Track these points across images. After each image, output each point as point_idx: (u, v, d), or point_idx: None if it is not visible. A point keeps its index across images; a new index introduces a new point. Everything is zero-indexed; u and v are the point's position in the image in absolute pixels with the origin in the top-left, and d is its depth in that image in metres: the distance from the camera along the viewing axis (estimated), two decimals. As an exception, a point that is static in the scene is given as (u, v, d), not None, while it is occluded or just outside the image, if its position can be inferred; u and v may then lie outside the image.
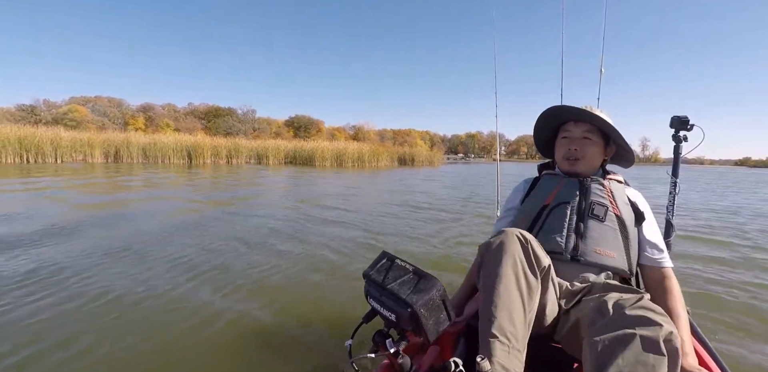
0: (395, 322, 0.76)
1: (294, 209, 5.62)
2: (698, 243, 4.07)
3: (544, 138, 1.34)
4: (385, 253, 0.83)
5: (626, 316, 0.77)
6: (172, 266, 2.72)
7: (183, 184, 9.12)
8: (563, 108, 1.21)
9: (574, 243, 1.07)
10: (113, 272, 2.53)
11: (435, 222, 4.89)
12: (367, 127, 66.42)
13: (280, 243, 3.52)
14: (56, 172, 11.33)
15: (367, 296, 0.82)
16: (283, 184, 9.61)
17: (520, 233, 0.90)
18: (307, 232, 4.03)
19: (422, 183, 12.00)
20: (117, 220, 4.30)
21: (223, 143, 22.28)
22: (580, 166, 1.20)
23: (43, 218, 4.23)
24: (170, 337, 1.72)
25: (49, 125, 24.23)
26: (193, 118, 52.47)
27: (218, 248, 3.26)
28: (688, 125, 1.48)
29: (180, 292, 2.26)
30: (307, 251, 3.28)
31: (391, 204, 6.51)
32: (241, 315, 1.97)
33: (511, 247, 0.87)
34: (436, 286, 0.75)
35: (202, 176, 11.97)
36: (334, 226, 4.36)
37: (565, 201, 1.13)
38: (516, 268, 0.86)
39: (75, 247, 3.10)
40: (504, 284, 0.83)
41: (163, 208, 5.39)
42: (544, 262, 0.90)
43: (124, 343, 1.66)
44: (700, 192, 10.98)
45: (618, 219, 1.10)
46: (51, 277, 2.40)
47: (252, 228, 4.15)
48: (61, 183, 8.24)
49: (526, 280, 0.86)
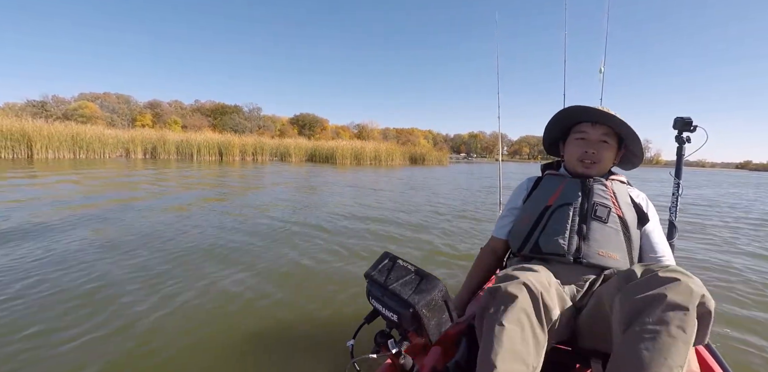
0: (397, 323, 0.75)
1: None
2: (701, 244, 4.02)
3: (553, 137, 1.31)
4: (387, 254, 0.82)
5: (658, 278, 0.76)
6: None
7: (270, 177, 11.18)
8: (587, 109, 1.15)
9: (576, 245, 1.05)
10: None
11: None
12: (371, 126, 66.47)
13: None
14: (136, 166, 12.92)
15: (368, 296, 0.80)
16: (340, 187, 9.17)
17: (530, 282, 0.83)
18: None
19: (463, 180, 12.94)
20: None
21: (250, 141, 24.05)
22: (595, 169, 1.17)
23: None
24: (169, 338, 1.68)
25: (59, 121, 24.72)
26: (200, 115, 52.54)
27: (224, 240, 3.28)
28: (692, 126, 1.45)
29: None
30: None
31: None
32: (241, 315, 1.94)
33: (520, 300, 0.80)
34: (438, 287, 0.74)
35: (266, 171, 14.17)
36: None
37: (567, 202, 1.11)
38: (522, 322, 0.79)
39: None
40: (507, 335, 0.77)
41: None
42: (554, 313, 0.84)
43: (122, 341, 1.63)
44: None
45: (621, 220, 1.08)
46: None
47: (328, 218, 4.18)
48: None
49: (533, 333, 0.80)
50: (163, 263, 2.68)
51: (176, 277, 2.40)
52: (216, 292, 2.22)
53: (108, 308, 1.93)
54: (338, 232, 3.92)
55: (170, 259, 2.78)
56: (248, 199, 6.20)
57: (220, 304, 2.06)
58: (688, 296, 0.72)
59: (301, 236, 3.68)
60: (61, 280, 2.28)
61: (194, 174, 11.12)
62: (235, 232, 3.74)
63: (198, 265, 2.70)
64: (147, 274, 2.46)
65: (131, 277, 2.37)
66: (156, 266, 2.61)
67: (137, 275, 2.41)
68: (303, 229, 3.99)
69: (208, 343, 1.66)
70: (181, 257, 2.84)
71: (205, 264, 2.72)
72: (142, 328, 1.74)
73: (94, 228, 3.63)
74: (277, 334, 1.77)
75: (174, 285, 2.27)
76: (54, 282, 2.24)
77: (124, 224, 3.86)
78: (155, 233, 3.54)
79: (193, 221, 4.18)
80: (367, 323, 0.82)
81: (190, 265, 2.67)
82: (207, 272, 2.55)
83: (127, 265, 2.61)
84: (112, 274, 2.42)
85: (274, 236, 3.66)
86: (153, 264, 2.65)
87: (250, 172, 12.96)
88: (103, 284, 2.24)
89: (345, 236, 3.76)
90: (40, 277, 2.29)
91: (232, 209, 5.12)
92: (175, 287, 2.24)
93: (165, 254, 2.90)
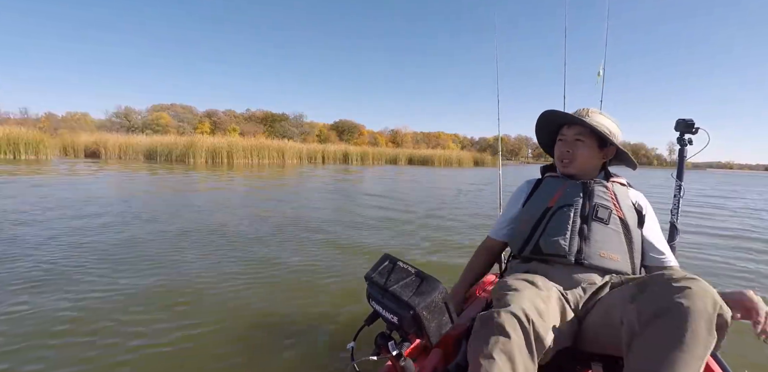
0: (397, 325, 0.71)
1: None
2: (703, 245, 3.70)
3: (546, 141, 1.26)
4: (387, 256, 0.78)
5: (672, 287, 0.69)
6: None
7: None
8: (554, 113, 1.13)
9: (578, 246, 0.98)
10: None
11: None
12: (404, 131, 66.41)
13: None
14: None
15: (368, 298, 0.76)
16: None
17: (522, 313, 0.75)
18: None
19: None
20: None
21: (315, 148, 25.44)
22: (572, 167, 1.11)
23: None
24: (166, 338, 1.60)
25: (138, 131, 26.88)
26: (254, 122, 54.64)
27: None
28: (693, 128, 1.37)
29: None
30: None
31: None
32: (241, 315, 1.85)
33: (511, 334, 0.73)
34: (439, 289, 0.70)
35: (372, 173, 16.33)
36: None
37: (568, 203, 1.05)
38: (512, 356, 0.72)
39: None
40: (497, 367, 0.70)
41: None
42: (545, 343, 0.77)
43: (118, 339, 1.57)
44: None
45: (621, 221, 1.02)
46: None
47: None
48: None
49: (524, 366, 0.72)
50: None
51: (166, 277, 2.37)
52: (216, 291, 2.13)
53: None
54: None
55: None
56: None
57: (219, 304, 1.97)
58: (706, 306, 0.65)
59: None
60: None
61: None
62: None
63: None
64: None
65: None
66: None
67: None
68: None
69: (206, 343, 1.58)
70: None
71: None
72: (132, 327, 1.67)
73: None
74: (276, 336, 1.68)
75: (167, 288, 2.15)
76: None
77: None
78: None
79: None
80: (368, 325, 0.78)
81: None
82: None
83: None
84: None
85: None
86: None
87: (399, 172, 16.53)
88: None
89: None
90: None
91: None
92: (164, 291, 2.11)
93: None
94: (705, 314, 0.65)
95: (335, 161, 25.13)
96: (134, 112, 46.58)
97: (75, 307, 1.85)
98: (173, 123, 46.12)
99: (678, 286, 0.69)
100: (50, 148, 16.18)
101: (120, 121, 44.04)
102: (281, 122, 54.35)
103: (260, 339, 1.65)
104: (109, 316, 1.77)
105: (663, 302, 0.68)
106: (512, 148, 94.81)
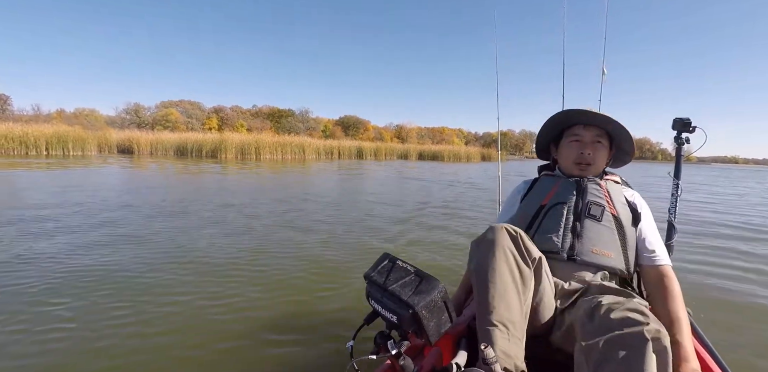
0: (396, 324, 0.70)
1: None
2: (701, 245, 3.61)
3: (546, 141, 1.24)
4: (386, 255, 0.76)
5: (611, 320, 0.70)
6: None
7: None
8: (585, 112, 1.10)
9: (570, 242, 0.99)
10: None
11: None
12: (408, 126, 66.03)
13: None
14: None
15: (368, 298, 0.75)
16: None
17: (509, 227, 0.85)
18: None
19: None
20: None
21: (332, 144, 25.53)
22: (591, 171, 1.10)
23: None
24: (165, 339, 1.58)
25: (148, 127, 27.13)
26: (260, 118, 54.57)
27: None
28: (690, 127, 1.37)
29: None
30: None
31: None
32: (240, 315, 1.83)
33: (502, 240, 0.83)
34: (438, 288, 0.69)
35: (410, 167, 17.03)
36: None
37: (561, 201, 1.05)
38: (508, 259, 0.81)
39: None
40: (498, 275, 0.79)
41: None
42: (534, 253, 0.85)
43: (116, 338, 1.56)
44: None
45: (615, 219, 1.02)
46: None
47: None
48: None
49: (519, 269, 0.81)
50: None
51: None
52: (215, 289, 2.11)
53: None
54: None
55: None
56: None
57: (219, 303, 1.95)
58: (642, 335, 0.65)
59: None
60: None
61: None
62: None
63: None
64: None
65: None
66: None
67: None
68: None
69: (206, 343, 1.56)
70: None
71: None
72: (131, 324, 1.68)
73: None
74: (276, 335, 1.66)
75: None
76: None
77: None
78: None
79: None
80: (367, 324, 0.77)
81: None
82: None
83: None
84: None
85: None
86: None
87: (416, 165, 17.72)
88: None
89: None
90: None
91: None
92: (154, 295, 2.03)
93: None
94: (643, 343, 0.64)
95: (350, 157, 25.31)
96: (143, 108, 46.73)
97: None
98: (182, 119, 46.20)
99: (615, 318, 0.70)
100: (92, 145, 17.02)
101: (130, 117, 44.26)
102: (287, 118, 54.29)
103: (259, 337, 1.63)
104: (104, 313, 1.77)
105: (602, 335, 0.69)
106: (516, 142, 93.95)
